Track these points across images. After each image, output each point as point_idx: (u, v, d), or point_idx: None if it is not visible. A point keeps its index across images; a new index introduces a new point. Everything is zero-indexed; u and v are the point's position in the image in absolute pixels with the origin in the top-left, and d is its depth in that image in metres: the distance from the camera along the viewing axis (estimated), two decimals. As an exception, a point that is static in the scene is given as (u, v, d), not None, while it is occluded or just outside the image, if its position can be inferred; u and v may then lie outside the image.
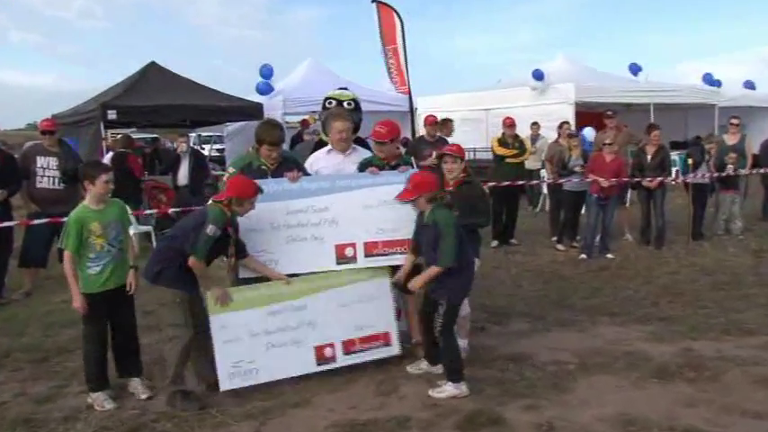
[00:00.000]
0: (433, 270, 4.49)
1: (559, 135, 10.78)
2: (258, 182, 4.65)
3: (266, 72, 14.88)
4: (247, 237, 4.78)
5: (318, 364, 4.89)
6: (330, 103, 5.69)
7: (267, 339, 4.77)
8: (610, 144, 9.04)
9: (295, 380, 4.80)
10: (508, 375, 4.88)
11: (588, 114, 14.40)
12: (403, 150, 7.32)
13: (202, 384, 4.74)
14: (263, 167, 4.97)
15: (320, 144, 5.64)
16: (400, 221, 5.00)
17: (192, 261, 4.38)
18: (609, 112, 10.67)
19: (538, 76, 15.34)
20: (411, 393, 4.63)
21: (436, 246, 4.44)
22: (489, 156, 11.32)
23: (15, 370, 5.30)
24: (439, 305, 4.56)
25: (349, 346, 4.98)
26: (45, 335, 6.14)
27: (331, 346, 4.93)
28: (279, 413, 4.39)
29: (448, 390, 4.55)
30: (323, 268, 4.97)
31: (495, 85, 19.08)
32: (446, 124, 10.10)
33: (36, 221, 7.24)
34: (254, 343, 4.73)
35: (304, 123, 12.51)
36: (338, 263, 4.99)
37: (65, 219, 6.84)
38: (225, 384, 4.66)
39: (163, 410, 4.43)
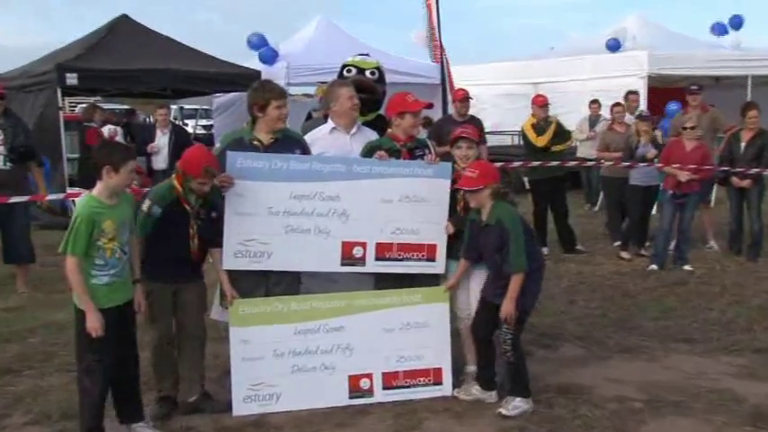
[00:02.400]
0: (515, 282, 4.68)
1: (613, 120, 10.66)
2: (263, 155, 4.82)
3: (257, 42, 14.40)
4: (237, 221, 4.82)
5: (351, 397, 4.97)
6: (349, 71, 5.76)
7: (293, 361, 4.89)
8: (692, 128, 8.89)
9: (293, 410, 4.83)
10: (558, 413, 4.83)
11: (665, 91, 14.20)
12: (424, 133, 7.27)
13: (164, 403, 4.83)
14: (256, 143, 4.97)
15: None
16: (422, 223, 5.07)
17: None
18: (693, 87, 10.46)
19: (614, 46, 15.09)
20: (437, 430, 4.61)
21: (503, 248, 4.64)
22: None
23: (-59, 395, 5.27)
24: (502, 317, 4.74)
25: (390, 380, 5.05)
26: (-19, 351, 6.13)
27: (368, 377, 5.01)
28: (271, 452, 4.39)
29: (520, 405, 4.74)
30: (323, 268, 5.05)
31: (546, 54, 18.95)
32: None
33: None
34: (277, 364, 4.87)
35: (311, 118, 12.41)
36: (342, 263, 5.04)
37: (13, 201, 6.92)
38: (239, 409, 4.78)
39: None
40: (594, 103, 13.07)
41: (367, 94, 5.52)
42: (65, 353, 5.88)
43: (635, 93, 11.66)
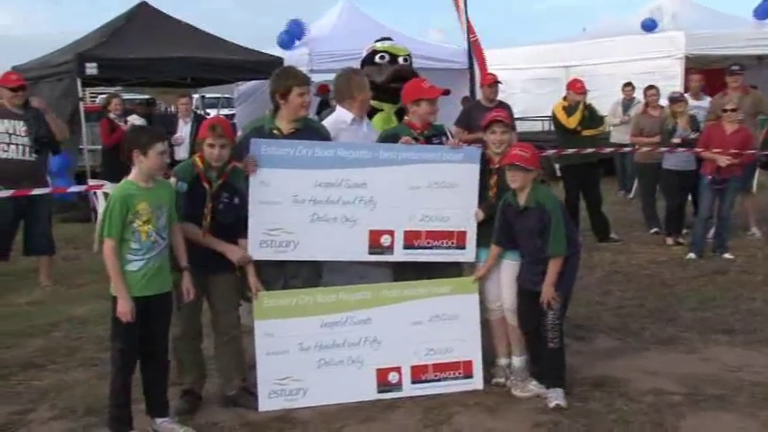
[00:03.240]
0: (555, 265, 4.75)
1: (647, 104, 10.54)
2: (287, 142, 4.86)
3: (295, 30, 14.51)
4: (262, 209, 4.84)
5: (379, 391, 4.98)
6: (383, 57, 5.79)
7: (320, 355, 4.92)
8: (733, 110, 8.77)
9: (320, 404, 4.85)
10: (594, 407, 4.80)
11: (703, 72, 13.99)
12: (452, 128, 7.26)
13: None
14: (276, 132, 4.99)
15: None
16: (451, 209, 5.07)
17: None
18: (734, 67, 10.28)
19: (649, 26, 14.91)
20: (467, 424, 4.60)
21: (543, 232, 4.70)
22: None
23: (-34, 389, 5.37)
24: (544, 302, 4.80)
25: (419, 373, 5.05)
26: (4, 345, 6.21)
27: (397, 370, 5.01)
28: (298, 448, 4.43)
29: (559, 398, 4.76)
30: (350, 257, 5.07)
31: (578, 36, 18.81)
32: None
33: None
34: (303, 358, 4.89)
35: (322, 90, 12.45)
36: (370, 252, 5.04)
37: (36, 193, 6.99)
38: (264, 404, 4.82)
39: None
40: (628, 86, 12.92)
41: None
42: (88, 347, 5.98)
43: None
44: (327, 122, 5.38)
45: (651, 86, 10.81)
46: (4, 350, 6.07)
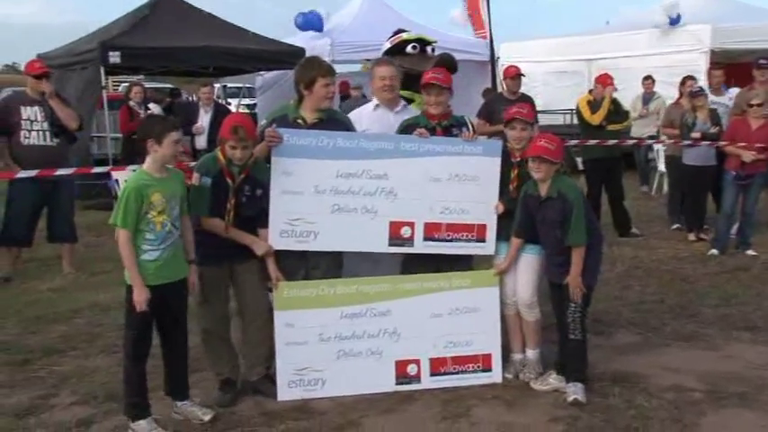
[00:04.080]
0: (578, 255, 4.75)
1: (681, 94, 10.44)
2: (309, 132, 4.87)
3: (313, 20, 14.48)
4: (283, 199, 4.85)
5: (398, 383, 5.00)
6: (414, 47, 5.87)
7: (339, 346, 4.94)
8: (759, 105, 8.67)
9: (339, 395, 4.87)
10: (613, 402, 4.79)
11: (728, 66, 13.84)
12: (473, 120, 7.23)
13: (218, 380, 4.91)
14: (300, 121, 5.00)
15: None
16: (471, 202, 5.08)
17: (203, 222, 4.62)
18: (762, 61, 10.13)
19: (674, 20, 14.71)
20: (485, 418, 4.60)
21: (564, 222, 4.70)
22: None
23: (-12, 374, 5.43)
24: (572, 294, 4.81)
25: (438, 366, 5.06)
26: (27, 331, 6.29)
27: (416, 362, 5.03)
28: (316, 439, 4.42)
29: (578, 392, 4.73)
30: (370, 248, 5.07)
31: (601, 29, 18.65)
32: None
33: (22, 174, 7.32)
34: (323, 349, 4.92)
35: (343, 88, 12.45)
36: (391, 244, 5.05)
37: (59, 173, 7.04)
38: (283, 394, 4.85)
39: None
40: (647, 79, 12.81)
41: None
42: (109, 334, 6.03)
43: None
44: (355, 109, 5.50)
45: (690, 77, 10.73)
46: (28, 335, 6.14)
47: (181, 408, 4.59)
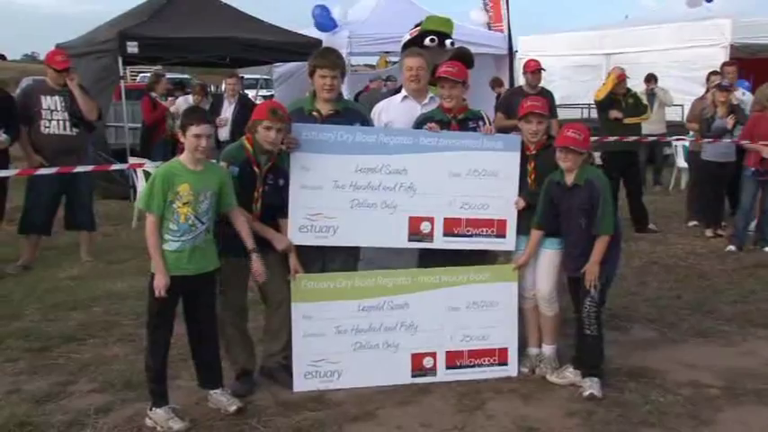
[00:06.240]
0: (602, 243, 4.75)
1: (707, 89, 10.37)
2: (328, 127, 4.89)
3: (324, 22, 14.41)
4: (303, 194, 4.86)
5: (414, 376, 5.02)
6: (433, 40, 5.84)
7: (356, 339, 4.96)
8: (779, 101, 8.62)
9: (355, 387, 4.90)
10: (629, 397, 4.79)
11: (749, 62, 13.76)
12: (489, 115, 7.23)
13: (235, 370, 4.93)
14: (315, 114, 5.02)
15: None
16: (491, 197, 5.07)
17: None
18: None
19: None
20: (501, 411, 4.62)
21: (589, 211, 4.72)
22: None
23: (8, 361, 5.44)
24: (586, 286, 4.79)
25: (454, 359, 5.07)
26: (46, 318, 6.33)
27: (432, 355, 5.04)
28: (334, 429, 4.44)
29: (594, 387, 4.74)
30: (389, 243, 5.08)
31: (620, 23, 18.58)
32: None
33: (42, 171, 7.40)
34: (340, 341, 4.94)
35: (368, 89, 12.47)
36: (410, 239, 5.05)
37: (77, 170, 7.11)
38: (299, 385, 4.89)
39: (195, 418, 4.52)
40: (650, 79, 12.71)
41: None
42: (127, 323, 6.09)
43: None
44: (384, 100, 5.58)
45: (715, 72, 10.68)
46: (47, 323, 6.19)
47: (212, 396, 4.64)
